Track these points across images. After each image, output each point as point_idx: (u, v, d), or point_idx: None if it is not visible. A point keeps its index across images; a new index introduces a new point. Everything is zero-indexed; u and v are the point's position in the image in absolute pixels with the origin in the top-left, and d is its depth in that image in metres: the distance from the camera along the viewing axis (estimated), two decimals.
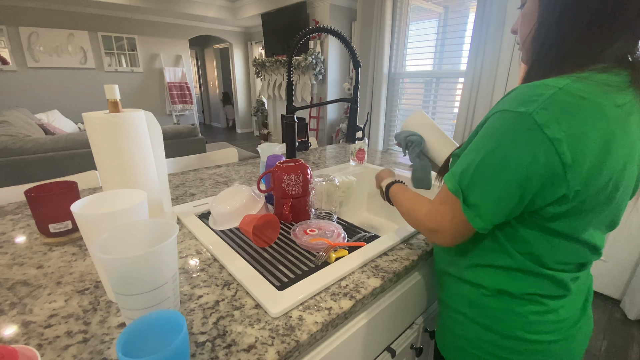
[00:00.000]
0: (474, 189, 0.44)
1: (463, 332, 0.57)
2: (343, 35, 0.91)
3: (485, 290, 0.52)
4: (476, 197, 0.44)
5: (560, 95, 0.38)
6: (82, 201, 0.47)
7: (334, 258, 0.62)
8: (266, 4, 4.36)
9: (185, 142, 2.99)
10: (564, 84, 0.39)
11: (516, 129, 0.40)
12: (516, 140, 0.40)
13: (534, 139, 0.38)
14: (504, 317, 0.51)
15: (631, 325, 1.64)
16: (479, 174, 0.43)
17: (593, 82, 0.39)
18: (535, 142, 0.38)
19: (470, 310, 0.55)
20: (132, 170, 0.62)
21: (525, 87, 0.41)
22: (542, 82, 0.41)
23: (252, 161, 1.35)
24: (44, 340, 0.43)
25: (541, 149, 0.38)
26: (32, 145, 2.29)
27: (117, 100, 0.60)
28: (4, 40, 3.98)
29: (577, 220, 0.43)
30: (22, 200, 0.95)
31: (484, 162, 0.43)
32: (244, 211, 0.74)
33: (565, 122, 0.37)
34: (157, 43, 5.28)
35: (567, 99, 0.38)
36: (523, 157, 0.39)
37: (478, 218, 0.45)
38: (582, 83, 0.39)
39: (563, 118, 0.38)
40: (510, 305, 0.51)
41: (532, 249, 0.47)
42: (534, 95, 0.39)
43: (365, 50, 2.90)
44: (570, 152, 0.38)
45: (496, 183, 0.42)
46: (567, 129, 0.37)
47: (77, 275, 0.57)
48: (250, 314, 0.48)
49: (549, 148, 0.38)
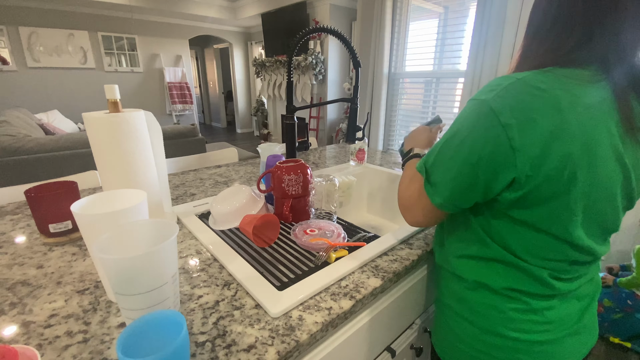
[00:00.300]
0: (435, 168, 0.49)
1: (451, 326, 0.58)
2: (343, 35, 0.91)
3: (466, 282, 0.54)
4: (436, 175, 0.49)
5: (517, 85, 0.41)
6: (82, 201, 0.47)
7: (334, 258, 0.62)
8: (266, 4, 4.36)
9: (185, 142, 2.99)
10: (524, 75, 0.42)
11: (475, 114, 0.43)
12: (474, 124, 0.43)
13: (489, 123, 0.42)
14: (485, 311, 0.52)
15: None
16: (441, 154, 0.48)
17: (555, 75, 0.41)
18: (490, 126, 0.42)
19: (456, 304, 0.56)
20: (132, 170, 0.62)
21: (493, 80, 0.45)
22: (508, 75, 0.44)
23: (252, 161, 1.35)
24: (44, 340, 0.43)
25: (493, 132, 0.41)
26: (32, 145, 2.29)
27: (117, 100, 0.60)
28: (4, 40, 3.98)
29: (539, 209, 0.44)
30: (22, 200, 0.95)
31: (446, 144, 0.47)
32: (244, 211, 0.74)
33: (516, 109, 0.40)
34: (157, 43, 5.28)
35: (522, 89, 0.41)
36: (478, 139, 0.43)
37: (436, 195, 0.49)
38: (543, 75, 0.41)
39: (515, 106, 0.40)
40: (491, 300, 0.51)
41: (505, 240, 0.48)
42: (494, 85, 0.43)
43: (365, 50, 2.90)
44: (520, 137, 0.40)
45: (453, 162, 0.46)
46: (517, 116, 0.40)
47: (77, 275, 0.57)
48: (250, 314, 0.48)
49: (500, 132, 0.41)
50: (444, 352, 0.61)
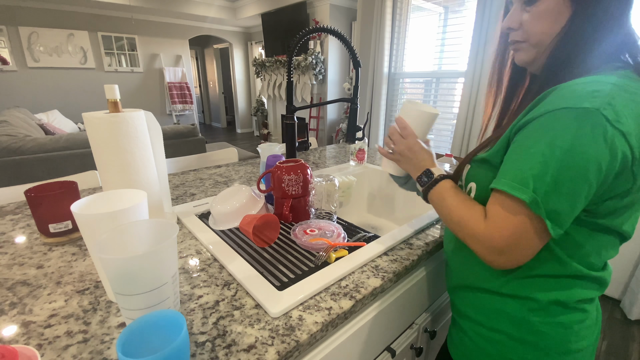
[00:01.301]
0: (552, 196, 0.40)
1: (501, 353, 0.52)
2: (343, 35, 0.91)
3: (533, 302, 0.49)
4: (555, 203, 0.40)
5: (618, 91, 0.38)
6: (82, 201, 0.47)
7: (334, 258, 0.62)
8: (266, 4, 4.36)
9: (185, 142, 2.99)
10: (613, 80, 0.39)
11: (588, 125, 0.37)
12: (591, 137, 0.37)
13: (609, 134, 0.37)
14: (550, 331, 0.49)
15: (631, 325, 1.64)
16: (557, 180, 0.39)
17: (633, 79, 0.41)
18: (611, 137, 0.37)
19: (512, 327, 0.51)
20: (132, 170, 0.62)
21: (574, 85, 0.41)
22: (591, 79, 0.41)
23: (252, 161, 1.35)
24: (44, 340, 0.43)
25: (617, 144, 0.37)
26: (32, 145, 2.29)
27: (117, 100, 0.60)
28: (4, 40, 3.98)
29: (627, 213, 0.43)
30: (22, 200, 0.95)
31: (560, 165, 0.39)
32: (244, 211, 0.74)
33: (630, 117, 0.38)
34: (157, 43, 5.28)
35: (624, 95, 0.38)
36: (601, 154, 0.38)
37: (557, 227, 0.41)
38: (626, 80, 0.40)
39: (628, 113, 0.38)
40: (558, 317, 0.48)
41: (582, 251, 0.46)
42: (593, 92, 0.38)
43: (365, 50, 2.90)
44: (637, 145, 0.38)
45: (578, 186, 0.39)
46: (631, 123, 0.38)
47: (77, 275, 0.57)
48: (250, 314, 0.48)
49: (623, 143, 0.38)
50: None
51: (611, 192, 0.41)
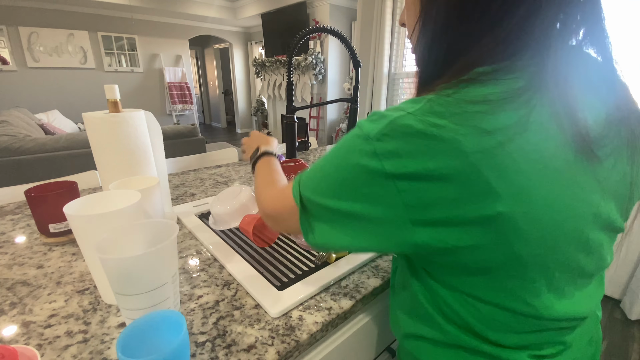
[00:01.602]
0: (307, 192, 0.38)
1: None
2: (343, 35, 0.91)
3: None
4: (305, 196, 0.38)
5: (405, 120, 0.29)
6: (76, 202, 0.47)
7: (334, 258, 0.62)
8: (266, 4, 4.36)
9: (185, 142, 2.99)
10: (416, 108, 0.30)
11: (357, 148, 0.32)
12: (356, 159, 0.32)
13: (372, 165, 0.31)
14: None
15: (631, 325, 1.64)
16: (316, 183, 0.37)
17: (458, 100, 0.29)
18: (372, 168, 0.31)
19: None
20: (132, 170, 0.62)
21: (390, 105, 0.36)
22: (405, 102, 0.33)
23: None
24: (44, 340, 0.43)
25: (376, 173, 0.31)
26: (32, 145, 2.29)
27: (117, 100, 0.60)
28: (4, 40, 3.98)
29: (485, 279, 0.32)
30: (22, 200, 0.95)
31: (324, 172, 0.36)
32: (244, 211, 0.74)
33: (409, 155, 0.29)
34: (157, 43, 5.28)
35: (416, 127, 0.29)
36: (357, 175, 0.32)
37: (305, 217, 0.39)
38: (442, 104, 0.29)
39: (406, 149, 0.29)
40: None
41: (462, 318, 0.36)
42: (381, 117, 0.32)
43: (365, 50, 2.90)
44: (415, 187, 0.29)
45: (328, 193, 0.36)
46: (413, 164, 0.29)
47: (77, 275, 0.57)
48: (250, 314, 0.48)
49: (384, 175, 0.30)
50: None
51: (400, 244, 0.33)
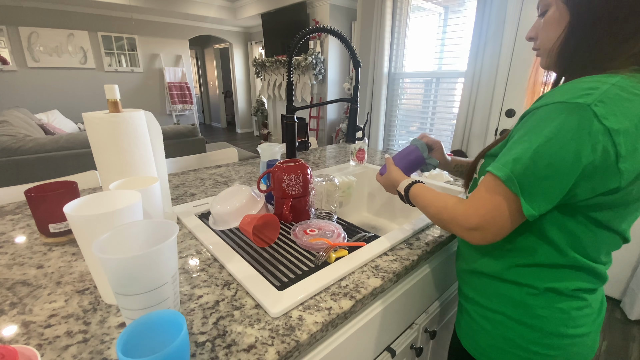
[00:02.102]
0: (528, 177, 0.43)
1: (501, 332, 0.56)
2: (343, 35, 0.91)
3: (532, 289, 0.52)
4: (530, 185, 0.43)
5: (613, 89, 0.40)
6: (75, 202, 0.47)
7: (334, 258, 0.62)
8: (266, 4, 4.36)
9: (185, 142, 2.99)
10: (615, 80, 0.41)
11: (575, 118, 0.40)
12: (576, 129, 0.40)
13: (594, 129, 0.39)
14: (548, 315, 0.52)
15: (631, 325, 1.64)
16: (535, 162, 0.43)
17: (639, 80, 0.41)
18: (595, 132, 0.39)
19: (512, 310, 0.54)
20: (132, 170, 0.62)
21: (575, 83, 0.43)
22: (592, 78, 0.43)
23: (252, 161, 1.35)
24: (44, 340, 0.43)
25: (600, 139, 0.39)
26: (32, 145, 2.29)
27: (117, 100, 0.60)
28: (4, 40, 3.98)
29: (620, 211, 0.45)
30: (22, 200, 0.95)
31: (540, 150, 0.42)
32: (244, 211, 0.74)
33: (621, 114, 0.39)
34: (157, 43, 5.28)
35: (620, 94, 0.40)
36: (582, 146, 0.40)
37: (530, 206, 0.44)
38: (630, 80, 0.41)
39: (619, 111, 0.39)
40: (556, 302, 0.51)
41: (579, 242, 0.48)
42: (589, 89, 0.41)
43: (365, 50, 2.90)
44: (625, 144, 0.40)
45: (553, 171, 0.42)
46: (622, 122, 0.39)
47: (77, 275, 0.57)
48: (250, 314, 0.48)
49: (607, 139, 0.39)
50: (487, 356, 0.59)
51: (597, 187, 0.42)
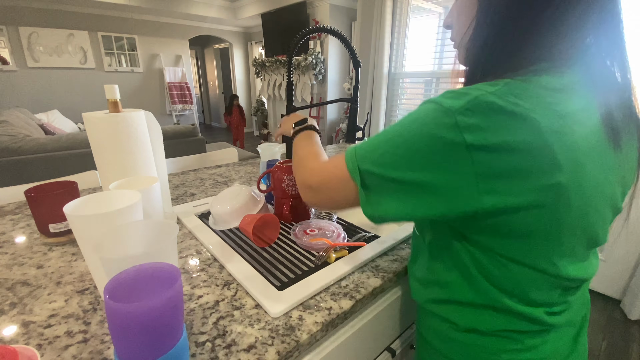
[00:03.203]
0: (364, 159, 0.41)
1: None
2: (343, 35, 0.91)
3: (454, 326, 0.47)
4: (363, 164, 0.41)
5: (488, 98, 0.33)
6: (75, 202, 0.47)
7: (334, 258, 0.62)
8: (266, 4, 4.36)
9: (185, 142, 2.99)
10: (495, 89, 0.34)
11: (429, 115, 0.36)
12: (431, 132, 0.35)
13: (450, 137, 0.34)
14: (474, 353, 0.46)
15: (631, 325, 1.64)
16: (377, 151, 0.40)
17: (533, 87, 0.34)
18: (450, 141, 0.34)
19: (441, 344, 0.50)
20: (132, 170, 0.62)
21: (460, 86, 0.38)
22: (478, 85, 0.35)
23: (252, 161, 1.35)
24: (44, 340, 0.43)
25: (455, 148, 0.34)
26: (32, 145, 2.29)
27: (117, 100, 0.60)
28: (4, 40, 3.98)
29: (521, 243, 0.37)
30: (22, 200, 0.95)
31: (389, 141, 0.39)
32: (244, 211, 0.74)
33: (489, 130, 0.32)
34: (157, 43, 5.28)
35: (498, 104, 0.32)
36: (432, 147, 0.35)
37: (361, 185, 0.42)
38: (518, 88, 0.33)
39: (487, 124, 0.32)
40: (482, 342, 0.45)
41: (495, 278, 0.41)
42: (462, 94, 0.34)
43: (365, 50, 2.90)
44: (491, 160, 0.33)
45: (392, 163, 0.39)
46: (492, 138, 0.32)
47: (77, 275, 0.57)
48: (250, 314, 0.48)
49: (464, 149, 0.33)
50: None
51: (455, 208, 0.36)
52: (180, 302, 0.33)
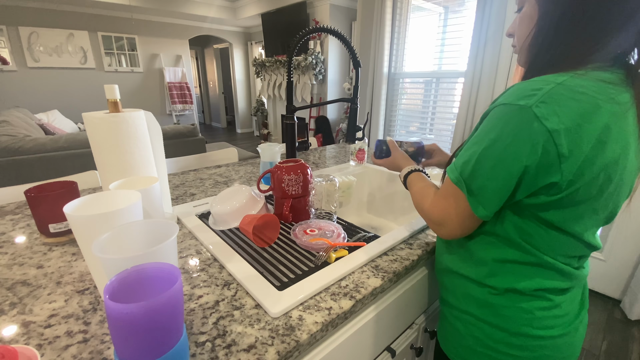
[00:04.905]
0: (475, 179, 0.46)
1: (471, 332, 0.57)
2: (343, 35, 0.91)
3: (492, 288, 0.53)
4: (478, 186, 0.46)
5: (558, 89, 0.40)
6: (76, 202, 0.47)
7: (334, 258, 0.62)
8: (266, 4, 4.36)
9: (185, 142, 2.99)
10: (562, 79, 0.41)
11: (516, 120, 0.42)
12: (516, 131, 0.42)
13: (534, 130, 0.40)
14: (512, 314, 0.52)
15: (631, 325, 1.64)
16: (480, 165, 0.46)
17: (591, 79, 0.42)
18: (535, 133, 0.40)
19: (478, 309, 0.55)
20: (132, 170, 0.62)
21: (525, 83, 0.44)
22: (541, 78, 0.43)
23: (252, 161, 1.35)
24: (44, 340, 0.43)
25: (540, 140, 0.40)
26: (32, 145, 2.29)
27: (117, 100, 0.60)
28: (4, 40, 3.98)
29: (569, 212, 0.45)
30: (22, 200, 0.95)
31: (485, 153, 0.45)
32: (244, 211, 0.74)
33: (563, 114, 0.40)
34: (157, 43, 5.27)
35: (565, 93, 0.40)
36: (523, 147, 0.42)
37: (481, 207, 0.47)
38: (580, 79, 0.41)
39: (561, 111, 0.40)
40: (518, 302, 0.52)
41: (534, 241, 0.48)
42: (533, 90, 0.42)
43: (365, 50, 2.90)
44: (567, 143, 0.40)
45: (497, 173, 0.44)
46: (565, 122, 0.40)
47: (77, 275, 0.57)
48: (250, 314, 0.48)
49: (547, 139, 0.40)
50: (459, 356, 0.60)
51: (539, 183, 0.43)
52: (180, 302, 0.33)
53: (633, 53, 0.44)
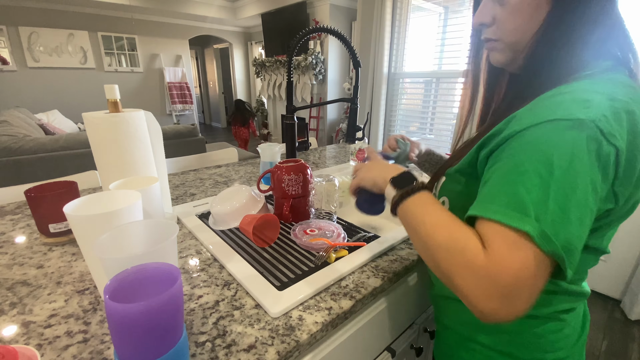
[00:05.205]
0: (561, 225, 0.32)
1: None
2: (343, 35, 0.91)
3: None
4: (567, 235, 0.32)
5: (607, 100, 0.34)
6: (76, 202, 0.47)
7: (334, 258, 0.62)
8: (266, 4, 4.36)
9: (185, 142, 2.99)
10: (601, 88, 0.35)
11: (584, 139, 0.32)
12: (587, 153, 0.32)
13: (604, 151, 0.32)
14: (525, 340, 0.48)
15: (631, 325, 1.64)
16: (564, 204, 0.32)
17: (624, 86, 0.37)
18: (606, 155, 0.32)
19: (487, 337, 0.50)
20: (132, 170, 0.62)
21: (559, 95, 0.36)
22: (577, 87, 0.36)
23: (252, 161, 1.35)
24: (44, 340, 0.43)
25: (609, 163, 0.33)
26: (32, 145, 2.29)
27: (117, 100, 0.60)
28: (4, 40, 3.98)
29: (605, 231, 0.41)
30: (22, 200, 0.95)
31: (563, 186, 0.32)
32: (244, 211, 0.74)
33: (622, 129, 0.33)
34: (157, 43, 5.28)
35: (615, 105, 0.34)
36: (595, 173, 0.33)
37: (572, 264, 0.32)
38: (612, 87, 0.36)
39: (621, 126, 0.33)
40: (533, 327, 0.47)
41: None
42: (584, 101, 0.34)
43: (365, 50, 2.90)
44: (624, 163, 0.34)
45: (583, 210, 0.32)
46: (624, 137, 0.33)
47: (77, 275, 0.57)
48: (250, 314, 0.48)
49: (614, 162, 0.33)
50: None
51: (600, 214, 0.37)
52: (180, 302, 0.33)
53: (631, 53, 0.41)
